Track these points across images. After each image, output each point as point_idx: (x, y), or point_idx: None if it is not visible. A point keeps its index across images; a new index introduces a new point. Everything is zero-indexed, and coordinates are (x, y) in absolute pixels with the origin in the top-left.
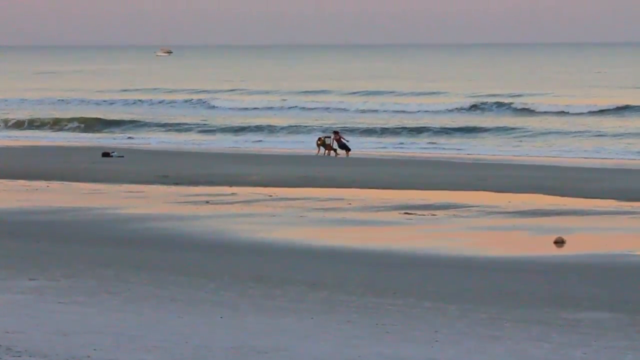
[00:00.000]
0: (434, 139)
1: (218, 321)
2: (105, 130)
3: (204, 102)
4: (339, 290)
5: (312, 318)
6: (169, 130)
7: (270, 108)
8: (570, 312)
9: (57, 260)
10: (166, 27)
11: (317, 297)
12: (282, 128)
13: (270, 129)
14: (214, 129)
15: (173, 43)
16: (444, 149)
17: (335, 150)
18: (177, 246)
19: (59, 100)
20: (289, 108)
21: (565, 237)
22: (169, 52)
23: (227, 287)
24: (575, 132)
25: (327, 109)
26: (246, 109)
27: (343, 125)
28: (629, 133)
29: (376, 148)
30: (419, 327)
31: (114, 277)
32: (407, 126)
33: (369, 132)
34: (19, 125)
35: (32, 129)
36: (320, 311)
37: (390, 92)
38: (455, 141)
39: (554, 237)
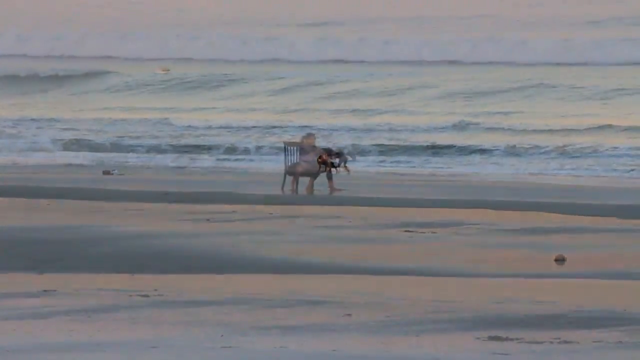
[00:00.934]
0: (431, 157)
1: (218, 340)
2: (100, 149)
3: (193, 120)
4: (340, 308)
5: (313, 336)
6: (167, 149)
7: (258, 127)
8: (570, 330)
9: (56, 277)
10: (166, 43)
11: (318, 316)
12: (272, 147)
13: (261, 148)
14: (209, 146)
15: (174, 58)
16: (441, 167)
17: (335, 167)
18: (177, 264)
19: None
20: (273, 127)
21: (566, 255)
22: (167, 70)
23: (227, 305)
24: (570, 149)
25: (321, 127)
26: (235, 127)
27: (336, 143)
28: (624, 150)
29: (373, 165)
30: (421, 344)
31: (113, 295)
32: (403, 144)
33: (365, 149)
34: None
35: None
36: (322, 329)
37: (384, 109)
38: (452, 159)
39: (555, 254)
